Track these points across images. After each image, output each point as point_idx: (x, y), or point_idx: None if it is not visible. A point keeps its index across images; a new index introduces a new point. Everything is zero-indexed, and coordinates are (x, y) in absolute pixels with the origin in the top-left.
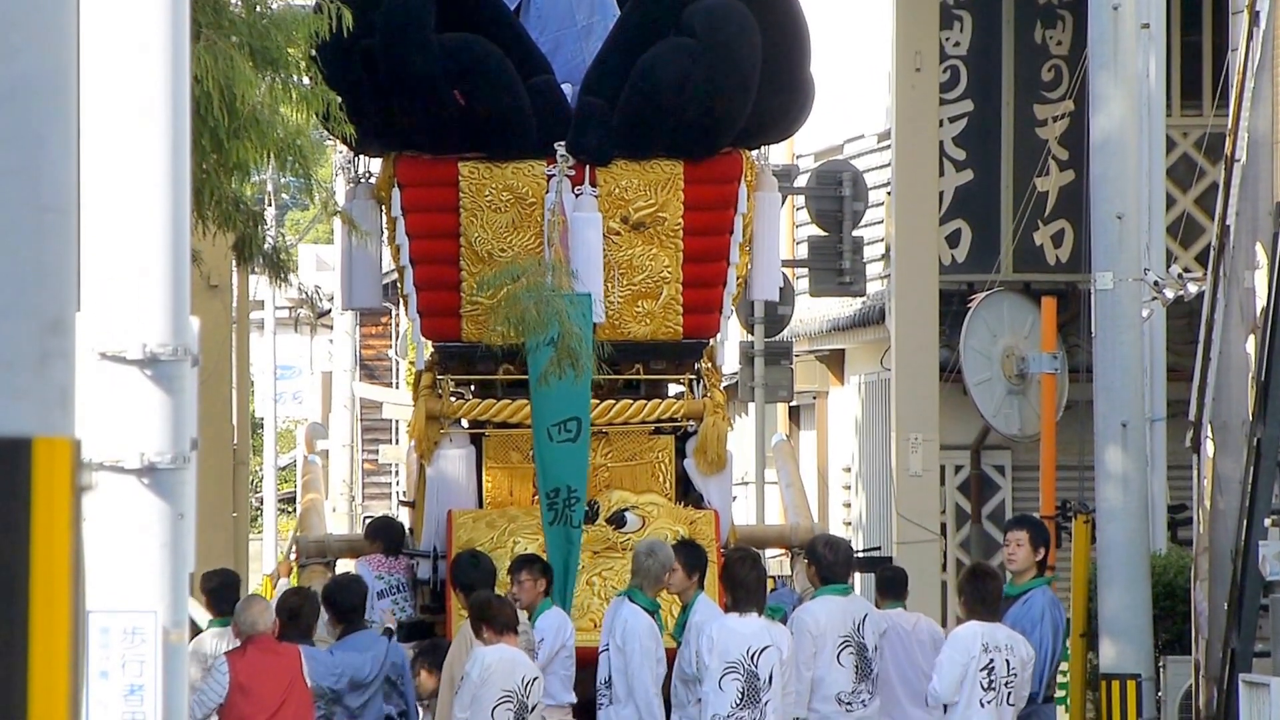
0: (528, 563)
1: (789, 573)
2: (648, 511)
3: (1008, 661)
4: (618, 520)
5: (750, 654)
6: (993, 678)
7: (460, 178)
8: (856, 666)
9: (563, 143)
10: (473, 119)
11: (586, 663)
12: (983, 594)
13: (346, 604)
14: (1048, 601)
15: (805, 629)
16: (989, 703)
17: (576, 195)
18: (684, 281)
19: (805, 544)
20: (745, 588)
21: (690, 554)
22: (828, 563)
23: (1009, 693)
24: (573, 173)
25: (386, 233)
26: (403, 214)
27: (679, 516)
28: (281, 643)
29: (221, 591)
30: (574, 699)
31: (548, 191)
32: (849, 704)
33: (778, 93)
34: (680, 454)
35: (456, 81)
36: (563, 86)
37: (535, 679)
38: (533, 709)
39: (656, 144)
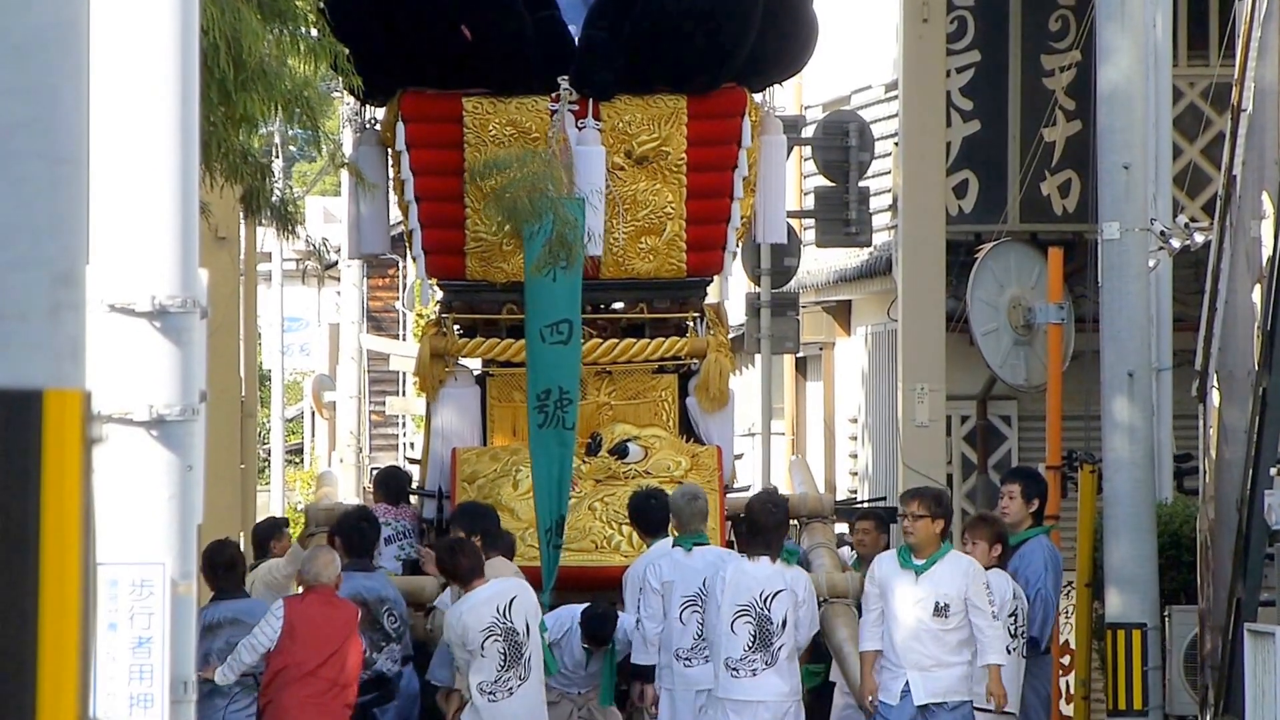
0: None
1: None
2: (650, 443)
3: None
4: (620, 451)
5: (763, 597)
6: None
7: (464, 113)
8: None
9: (566, 76)
10: (478, 54)
11: (587, 582)
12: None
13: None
14: (1046, 554)
15: None
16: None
17: (580, 129)
18: (688, 218)
19: (814, 513)
20: (758, 531)
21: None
22: None
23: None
24: (576, 106)
25: (392, 171)
26: (407, 149)
27: (682, 449)
28: (342, 599)
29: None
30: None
31: (551, 127)
32: None
33: (781, 28)
34: (683, 393)
35: (463, 15)
36: (567, 23)
37: (514, 598)
38: (525, 628)
39: (660, 77)
